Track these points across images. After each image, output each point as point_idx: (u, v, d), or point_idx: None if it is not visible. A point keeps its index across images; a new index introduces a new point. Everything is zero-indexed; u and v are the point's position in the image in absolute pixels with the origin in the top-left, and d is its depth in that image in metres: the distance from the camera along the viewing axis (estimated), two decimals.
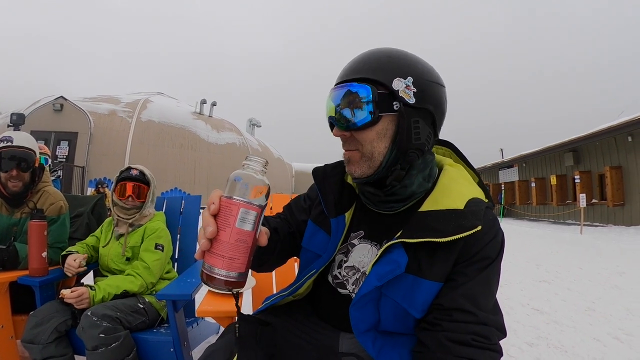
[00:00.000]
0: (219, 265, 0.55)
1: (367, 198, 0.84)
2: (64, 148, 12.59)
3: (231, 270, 0.55)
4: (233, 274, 0.55)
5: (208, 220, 0.57)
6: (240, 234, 0.56)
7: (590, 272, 4.61)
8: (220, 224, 0.56)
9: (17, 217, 1.76)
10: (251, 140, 17.90)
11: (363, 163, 0.76)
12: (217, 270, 0.55)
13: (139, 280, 1.60)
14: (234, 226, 0.55)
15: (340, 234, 0.85)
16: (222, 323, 1.15)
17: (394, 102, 0.72)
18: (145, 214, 1.78)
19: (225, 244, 0.55)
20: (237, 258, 0.56)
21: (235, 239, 0.55)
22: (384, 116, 0.73)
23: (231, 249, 0.55)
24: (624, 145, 10.91)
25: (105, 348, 1.32)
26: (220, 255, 0.55)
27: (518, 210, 17.18)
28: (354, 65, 0.76)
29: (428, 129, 0.76)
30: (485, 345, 0.66)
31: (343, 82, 0.76)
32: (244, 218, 0.56)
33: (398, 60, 0.74)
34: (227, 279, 0.55)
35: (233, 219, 0.55)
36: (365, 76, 0.73)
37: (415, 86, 0.73)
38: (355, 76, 0.74)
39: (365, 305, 0.76)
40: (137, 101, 14.86)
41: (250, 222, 0.56)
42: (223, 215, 0.56)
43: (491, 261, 0.72)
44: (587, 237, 8.73)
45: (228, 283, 0.56)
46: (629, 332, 2.54)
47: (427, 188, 0.80)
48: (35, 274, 1.53)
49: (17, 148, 1.70)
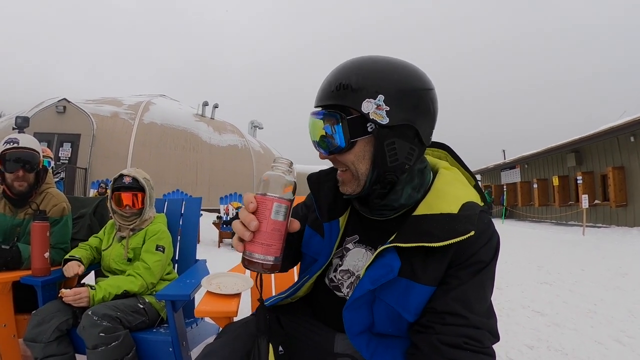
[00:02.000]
0: (259, 251, 0.65)
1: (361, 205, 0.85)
2: (66, 150, 12.63)
3: (269, 254, 0.65)
4: (270, 258, 0.66)
5: (250, 217, 0.65)
6: (275, 224, 0.66)
7: (592, 273, 4.59)
8: (259, 218, 0.65)
9: (21, 218, 1.78)
10: (253, 143, 17.90)
11: (353, 182, 0.77)
12: (257, 256, 0.65)
13: (140, 280, 1.61)
14: (269, 218, 0.65)
15: (335, 238, 0.86)
16: (220, 323, 1.16)
17: (368, 124, 0.71)
18: (145, 217, 1.79)
19: (263, 234, 0.65)
20: (273, 245, 0.66)
21: (271, 229, 0.65)
22: (359, 140, 0.72)
23: (268, 237, 0.65)
24: (626, 146, 10.85)
25: (105, 347, 1.33)
26: (259, 243, 0.65)
27: (520, 211, 17.12)
28: (325, 89, 0.75)
29: (408, 145, 0.73)
30: (477, 348, 0.66)
31: (317, 107, 0.76)
32: (277, 211, 0.66)
33: (368, 77, 0.71)
34: (265, 262, 0.65)
35: (268, 212, 0.65)
36: (334, 102, 0.72)
37: (388, 103, 0.69)
38: (324, 102, 0.74)
39: (359, 308, 0.76)
40: (140, 103, 14.88)
41: (282, 213, 0.66)
42: (260, 210, 0.66)
43: (485, 265, 0.72)
44: (590, 238, 8.70)
45: (265, 266, 0.66)
46: (631, 335, 2.52)
47: (417, 199, 0.79)
48: (37, 274, 1.54)
49: (22, 150, 1.73)
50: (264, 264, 0.65)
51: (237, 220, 0.67)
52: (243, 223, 0.66)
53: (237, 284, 1.37)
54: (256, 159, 16.74)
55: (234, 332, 0.88)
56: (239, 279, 1.42)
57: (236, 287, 1.34)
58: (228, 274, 1.48)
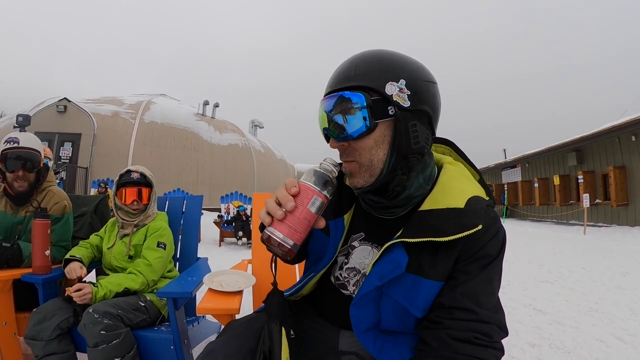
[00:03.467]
0: (285, 233, 0.67)
1: (368, 205, 0.83)
2: (67, 149, 12.64)
3: (292, 239, 0.67)
4: (290, 242, 0.67)
5: (289, 197, 0.67)
6: (308, 214, 0.68)
7: (593, 272, 4.59)
8: (296, 202, 0.67)
9: (22, 216, 1.78)
10: (254, 142, 17.91)
11: (364, 173, 0.75)
12: (282, 236, 0.67)
13: (140, 278, 1.61)
14: (305, 206, 0.67)
15: (340, 236, 0.85)
16: (222, 320, 1.15)
17: (388, 107, 0.71)
18: (149, 214, 1.80)
19: (296, 219, 0.67)
20: (299, 232, 0.67)
21: (303, 217, 0.67)
22: (380, 123, 0.72)
23: (298, 223, 0.67)
24: (627, 145, 10.82)
25: (106, 345, 1.33)
26: (288, 225, 0.67)
27: (521, 210, 17.11)
28: (344, 73, 0.74)
29: (425, 130, 0.74)
30: (487, 343, 0.66)
31: (334, 91, 0.73)
32: (314, 203, 0.68)
33: (389, 63, 0.72)
34: (285, 243, 0.67)
35: (307, 201, 0.68)
36: (357, 84, 0.71)
37: (409, 88, 0.71)
38: (346, 84, 0.72)
39: (366, 305, 0.76)
40: (140, 102, 14.89)
41: (317, 207, 0.68)
42: (300, 196, 0.68)
43: (492, 259, 0.72)
44: (591, 238, 8.70)
45: (283, 248, 0.67)
46: (632, 333, 2.53)
47: (426, 191, 0.78)
48: (38, 272, 1.54)
49: (23, 149, 1.73)
50: (283, 246, 0.67)
51: (272, 199, 0.69)
52: (278, 202, 0.67)
53: (239, 281, 1.37)
54: (257, 158, 16.75)
55: (236, 330, 0.87)
56: (241, 276, 1.42)
57: (238, 284, 1.34)
58: (230, 271, 1.48)
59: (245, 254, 5.34)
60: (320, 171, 0.71)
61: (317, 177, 0.70)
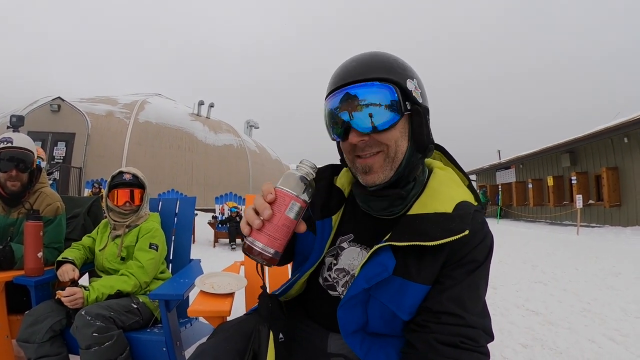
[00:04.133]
0: (264, 242, 0.66)
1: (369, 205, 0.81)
2: (61, 149, 12.55)
3: (273, 247, 0.66)
4: (271, 251, 0.66)
5: (265, 205, 0.66)
6: (287, 221, 0.66)
7: (586, 273, 4.62)
8: (273, 210, 0.66)
9: (14, 217, 1.77)
10: (249, 142, 17.87)
11: (386, 166, 0.75)
12: (262, 245, 0.66)
13: (133, 280, 1.61)
14: (283, 213, 0.66)
15: (327, 237, 0.86)
16: (213, 323, 1.15)
17: (406, 102, 0.74)
18: (141, 214, 1.80)
19: (274, 226, 0.66)
20: (279, 239, 0.66)
21: (282, 224, 0.66)
22: (403, 115, 0.74)
23: (277, 230, 0.66)
24: (620, 147, 10.93)
25: (99, 347, 1.33)
26: (267, 234, 0.66)
27: (515, 211, 17.20)
28: (367, 65, 0.73)
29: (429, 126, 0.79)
30: (473, 347, 0.67)
31: (359, 81, 0.72)
32: (292, 208, 0.67)
33: (403, 63, 0.76)
34: (267, 253, 0.66)
35: (284, 207, 0.66)
36: (384, 76, 0.72)
37: (419, 87, 0.76)
38: (369, 76, 0.72)
39: (353, 307, 0.76)
40: (135, 102, 14.82)
41: (295, 212, 0.67)
42: (277, 203, 0.67)
43: (479, 264, 0.73)
44: (584, 238, 8.76)
45: (265, 257, 0.66)
46: (624, 334, 2.54)
47: (417, 192, 0.79)
48: (30, 274, 1.54)
49: (16, 149, 1.72)
50: (264, 255, 0.66)
51: (250, 207, 0.68)
52: (256, 210, 0.67)
53: (231, 283, 1.37)
54: (252, 158, 16.72)
55: (226, 332, 0.87)
56: (233, 278, 1.42)
57: (230, 286, 1.34)
58: (222, 273, 1.48)
59: (240, 256, 5.33)
60: (297, 174, 0.69)
61: (293, 181, 0.68)
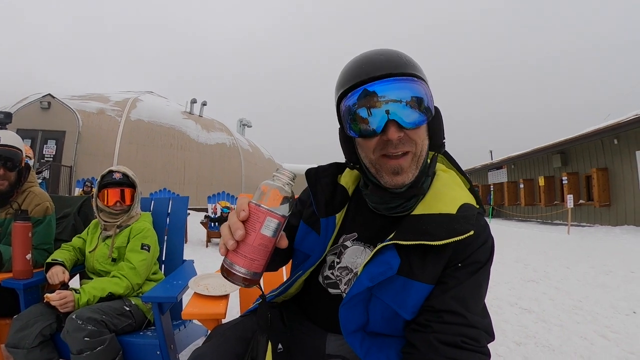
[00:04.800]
0: (240, 264, 0.61)
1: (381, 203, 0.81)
2: (51, 147, 12.37)
3: (250, 269, 0.62)
4: (251, 273, 0.62)
5: (237, 225, 0.61)
6: (263, 239, 0.62)
7: (577, 271, 4.67)
8: (247, 228, 0.61)
9: (2, 218, 1.73)
10: (242, 141, 17.79)
11: (412, 165, 0.73)
12: (238, 268, 0.61)
13: (125, 282, 1.57)
14: (259, 232, 0.61)
15: (330, 235, 0.85)
16: (208, 325, 1.14)
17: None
18: (132, 214, 1.76)
19: (249, 247, 0.61)
20: (257, 260, 0.62)
21: (258, 243, 0.61)
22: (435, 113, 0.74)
23: (254, 251, 0.61)
24: (610, 148, 11.10)
25: (91, 352, 1.30)
26: (243, 255, 0.61)
27: (507, 211, 17.36)
28: (401, 61, 0.71)
29: None
30: (474, 347, 0.67)
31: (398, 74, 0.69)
32: (268, 225, 0.61)
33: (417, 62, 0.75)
34: (245, 276, 0.62)
35: (259, 225, 0.61)
36: (412, 72, 0.70)
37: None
38: (402, 70, 0.69)
39: (355, 306, 0.76)
40: (127, 100, 14.66)
41: (272, 229, 0.62)
42: (250, 221, 0.61)
43: (481, 265, 0.74)
44: (575, 237, 8.86)
45: (245, 280, 0.62)
46: (615, 330, 2.58)
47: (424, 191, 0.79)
48: (19, 277, 1.50)
49: (3, 147, 1.68)
50: (244, 278, 0.61)
51: (226, 224, 0.64)
52: (230, 228, 0.63)
53: (225, 285, 1.35)
54: (245, 157, 16.65)
55: (223, 335, 0.86)
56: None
57: (224, 288, 1.32)
58: (216, 274, 1.46)
59: None
60: (273, 186, 0.63)
61: (269, 194, 0.63)
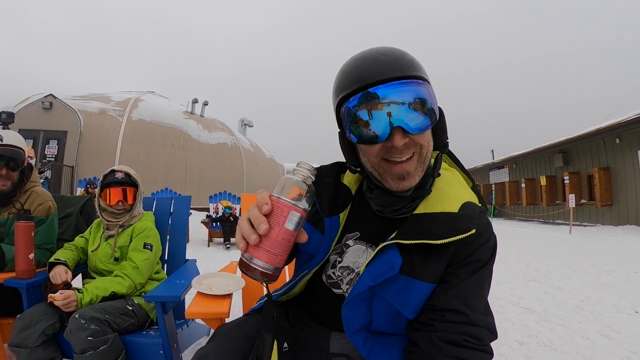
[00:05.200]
0: (262, 259, 0.59)
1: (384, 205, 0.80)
2: (53, 147, 12.38)
3: (273, 264, 0.60)
4: (272, 268, 0.60)
5: (261, 218, 0.59)
6: (286, 234, 0.60)
7: (579, 271, 4.67)
8: (270, 222, 0.60)
9: (4, 218, 1.74)
10: (243, 141, 17.80)
11: (419, 168, 0.72)
12: (259, 262, 0.60)
13: (127, 281, 1.58)
14: (282, 226, 0.60)
15: (335, 234, 0.85)
16: (212, 325, 1.14)
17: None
18: (135, 214, 1.77)
19: (272, 241, 0.60)
20: (280, 254, 0.61)
21: (281, 238, 0.60)
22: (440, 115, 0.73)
23: (276, 245, 0.60)
24: (612, 147, 11.07)
25: (94, 351, 1.30)
26: (265, 250, 0.60)
27: (508, 210, 17.34)
28: (399, 61, 0.69)
29: None
30: (476, 346, 0.67)
31: (401, 77, 0.67)
32: (292, 219, 0.60)
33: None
34: (266, 270, 0.60)
35: (283, 219, 0.60)
36: (415, 74, 0.68)
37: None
38: (406, 73, 0.68)
39: (358, 305, 0.76)
40: (128, 100, 14.66)
41: (295, 223, 0.61)
42: (274, 215, 0.60)
43: (483, 264, 0.73)
44: (576, 237, 8.85)
45: (265, 275, 0.60)
46: (617, 330, 2.57)
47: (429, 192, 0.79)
48: (22, 276, 1.50)
49: (6, 147, 1.69)
50: (264, 272, 0.60)
51: (245, 217, 0.62)
52: (252, 223, 0.61)
53: (228, 284, 1.35)
54: (246, 157, 16.65)
55: (227, 334, 0.86)
56: (230, 279, 1.41)
57: (227, 287, 1.32)
58: (219, 274, 1.46)
59: (234, 255, 5.31)
60: (294, 179, 0.63)
61: (291, 187, 0.62)
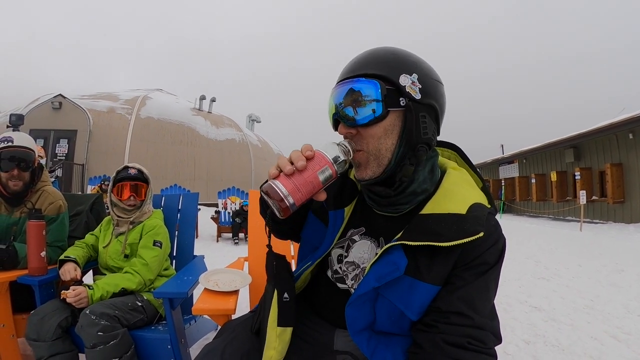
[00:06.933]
0: (287, 187, 0.67)
1: (373, 200, 0.83)
2: (63, 146, 12.58)
3: (293, 196, 0.67)
4: (290, 200, 0.67)
5: (301, 157, 0.68)
6: (315, 179, 0.68)
7: (589, 269, 4.61)
8: (307, 165, 0.69)
9: (17, 217, 1.77)
10: (251, 136, 17.86)
11: (372, 163, 0.76)
12: (282, 188, 0.67)
13: (137, 277, 1.61)
14: (315, 172, 0.69)
15: (338, 228, 0.86)
16: (218, 321, 1.15)
17: (400, 98, 0.73)
18: (145, 210, 1.80)
19: (302, 179, 0.68)
20: (302, 192, 0.68)
21: (310, 180, 0.68)
22: (391, 112, 0.74)
23: (303, 184, 0.68)
24: (625, 142, 10.86)
25: (104, 346, 1.33)
26: (293, 182, 0.67)
27: (518, 206, 17.17)
28: (360, 62, 0.76)
29: (433, 124, 0.77)
30: (480, 349, 0.66)
31: (349, 77, 0.75)
32: (324, 172, 0.69)
33: (403, 58, 0.76)
34: (284, 198, 0.66)
35: (318, 167, 0.69)
36: (373, 72, 0.73)
37: (420, 82, 0.74)
38: (361, 72, 0.74)
39: (362, 305, 0.76)
40: (136, 98, 14.81)
41: (325, 177, 0.69)
42: (312, 161, 0.69)
43: (490, 267, 0.72)
44: (587, 234, 8.73)
45: (282, 202, 0.67)
46: (627, 331, 2.53)
47: (429, 191, 0.79)
48: (34, 273, 1.54)
49: (17, 148, 1.72)
50: (282, 200, 0.67)
51: (284, 157, 0.70)
52: (291, 160, 0.69)
53: (235, 280, 1.37)
54: (254, 152, 16.72)
55: (233, 331, 0.88)
56: (237, 275, 1.42)
57: (234, 284, 1.34)
58: (226, 270, 1.48)
59: (243, 251, 5.34)
60: (338, 146, 0.72)
61: (334, 150, 0.71)
